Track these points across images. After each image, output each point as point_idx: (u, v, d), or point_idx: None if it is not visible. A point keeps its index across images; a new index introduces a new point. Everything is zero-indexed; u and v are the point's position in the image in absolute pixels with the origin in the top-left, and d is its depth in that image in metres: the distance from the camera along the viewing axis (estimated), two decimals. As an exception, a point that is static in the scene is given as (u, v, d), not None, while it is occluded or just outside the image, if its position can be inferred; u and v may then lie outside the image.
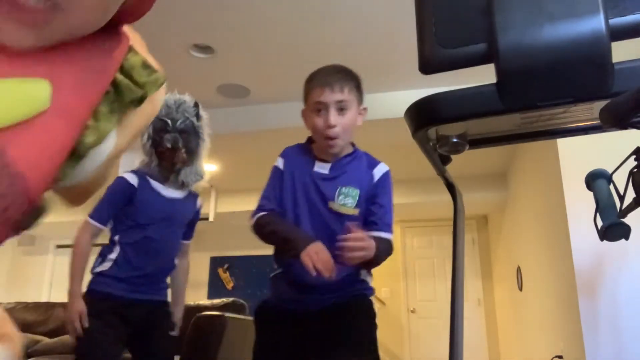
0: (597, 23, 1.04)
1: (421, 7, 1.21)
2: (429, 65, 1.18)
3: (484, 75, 1.28)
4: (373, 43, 3.43)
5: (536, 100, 1.12)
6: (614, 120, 0.98)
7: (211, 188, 5.73)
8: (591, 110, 1.26)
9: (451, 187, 1.66)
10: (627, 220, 1.80)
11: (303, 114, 1.56)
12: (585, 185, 2.01)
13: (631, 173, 1.48)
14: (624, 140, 1.69)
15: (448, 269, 6.07)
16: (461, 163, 2.20)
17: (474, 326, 6.47)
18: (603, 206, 1.88)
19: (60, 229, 5.25)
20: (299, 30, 3.32)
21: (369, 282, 1.57)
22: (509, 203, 5.65)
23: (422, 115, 1.24)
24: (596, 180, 1.95)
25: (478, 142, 1.48)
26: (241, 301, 3.83)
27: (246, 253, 7.02)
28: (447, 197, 1.70)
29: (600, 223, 1.88)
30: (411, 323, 6.75)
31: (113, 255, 1.94)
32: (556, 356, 3.53)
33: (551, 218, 3.72)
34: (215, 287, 7.15)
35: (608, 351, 2.91)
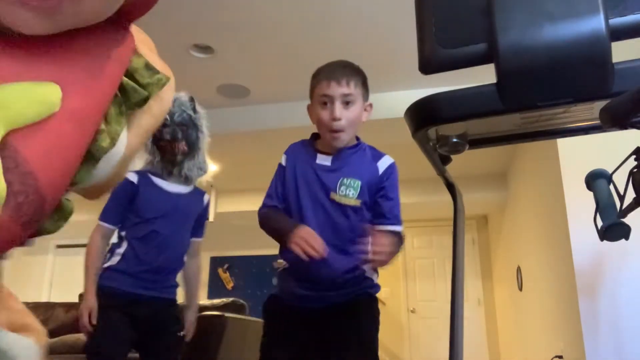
0: (597, 23, 1.04)
1: (421, 7, 1.21)
2: (429, 65, 1.18)
3: (484, 75, 1.28)
4: (373, 43, 3.43)
5: (536, 100, 1.12)
6: (614, 120, 0.98)
7: (211, 188, 5.73)
8: (591, 110, 1.26)
9: (451, 187, 1.67)
10: (627, 220, 1.80)
11: (308, 109, 1.58)
12: (585, 185, 2.01)
13: (631, 173, 1.48)
14: (624, 140, 1.69)
15: (448, 269, 6.06)
16: (461, 163, 2.20)
17: (474, 326, 6.47)
18: (603, 206, 1.87)
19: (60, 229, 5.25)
20: (299, 30, 3.32)
21: (375, 280, 1.58)
22: (509, 203, 5.65)
23: (422, 115, 1.25)
24: (596, 180, 1.95)
25: (478, 142, 1.48)
26: (241, 301, 3.82)
27: (246, 253, 7.03)
28: (447, 197, 1.70)
29: (600, 223, 1.88)
30: (411, 323, 6.75)
31: (121, 250, 1.99)
32: (556, 356, 3.53)
33: (551, 218, 3.71)
34: (215, 287, 7.15)
35: (608, 351, 2.91)
